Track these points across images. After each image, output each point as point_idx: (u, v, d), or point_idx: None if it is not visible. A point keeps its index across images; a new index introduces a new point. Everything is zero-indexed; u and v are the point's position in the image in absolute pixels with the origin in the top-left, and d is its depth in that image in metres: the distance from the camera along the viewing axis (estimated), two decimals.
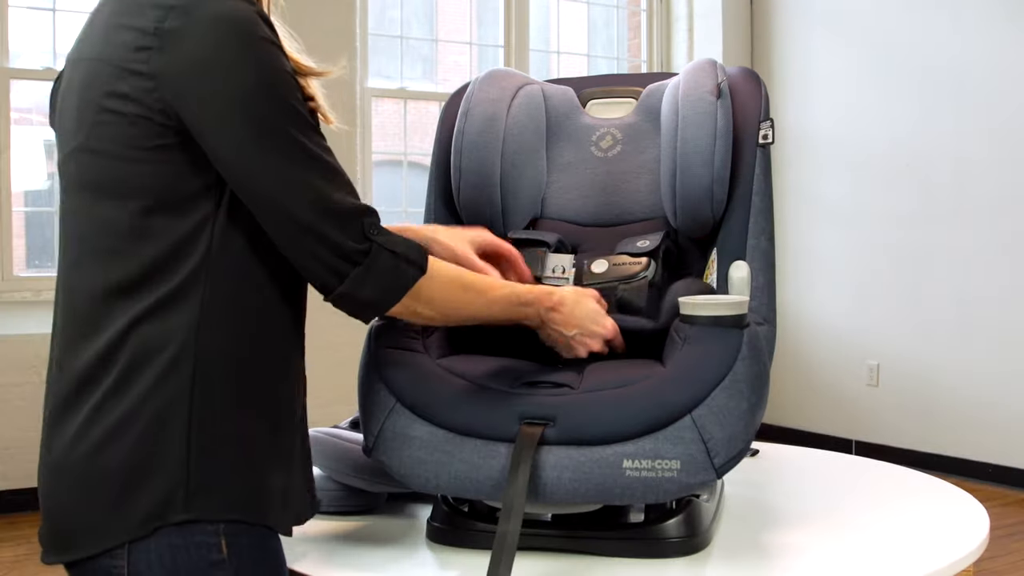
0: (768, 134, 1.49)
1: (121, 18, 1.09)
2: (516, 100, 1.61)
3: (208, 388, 1.08)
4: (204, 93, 1.04)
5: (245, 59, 1.05)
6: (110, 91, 1.07)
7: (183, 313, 1.07)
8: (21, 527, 4.19)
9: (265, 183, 1.07)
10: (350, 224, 1.10)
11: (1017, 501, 4.62)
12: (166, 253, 1.07)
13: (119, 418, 1.05)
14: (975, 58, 4.93)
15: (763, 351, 1.29)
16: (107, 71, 1.08)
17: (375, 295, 1.12)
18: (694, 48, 6.11)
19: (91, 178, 1.10)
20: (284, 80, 1.08)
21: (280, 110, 1.07)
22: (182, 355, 1.06)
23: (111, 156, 1.07)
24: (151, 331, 1.06)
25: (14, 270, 4.60)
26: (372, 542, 1.37)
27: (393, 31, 5.81)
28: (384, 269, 1.12)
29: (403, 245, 1.14)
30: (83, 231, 1.11)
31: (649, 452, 1.21)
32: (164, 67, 1.04)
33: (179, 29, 1.04)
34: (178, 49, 1.04)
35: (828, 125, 5.61)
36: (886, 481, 1.70)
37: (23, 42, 4.76)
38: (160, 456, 1.05)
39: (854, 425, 5.48)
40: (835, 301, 5.58)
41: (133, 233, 1.07)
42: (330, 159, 1.11)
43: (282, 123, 1.07)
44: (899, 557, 1.30)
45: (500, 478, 1.23)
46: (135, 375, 1.06)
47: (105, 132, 1.07)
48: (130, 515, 1.04)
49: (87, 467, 1.06)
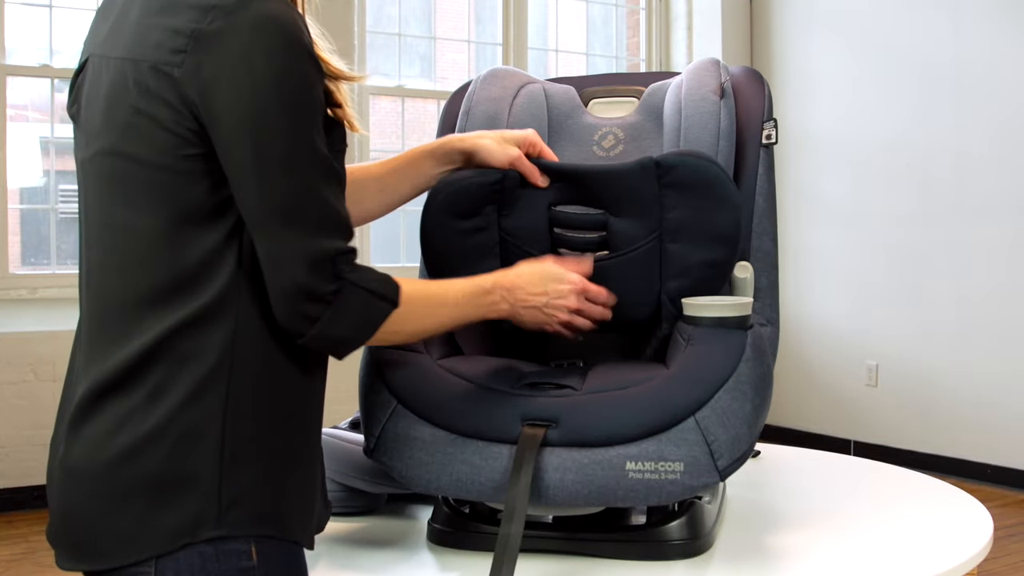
0: (771, 134, 1.48)
1: (155, 17, 1.05)
2: (518, 99, 1.60)
3: (242, 403, 1.06)
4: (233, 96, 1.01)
5: (281, 68, 1.02)
6: (142, 94, 1.04)
7: (220, 326, 1.05)
8: (18, 526, 4.18)
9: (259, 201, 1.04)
10: (325, 265, 1.06)
11: (1016, 502, 4.62)
12: (196, 264, 1.05)
13: (150, 429, 1.03)
14: (975, 57, 4.93)
15: (766, 352, 1.28)
16: (139, 72, 1.04)
17: (348, 333, 1.09)
18: (693, 47, 6.10)
19: (119, 182, 1.07)
20: (313, 94, 1.05)
21: (296, 136, 1.04)
22: (218, 369, 1.04)
23: (141, 162, 1.05)
24: (187, 343, 1.04)
25: (10, 268, 4.59)
26: (373, 544, 1.37)
27: (391, 29, 5.80)
28: (356, 308, 1.08)
29: (375, 281, 1.10)
30: (110, 236, 1.08)
31: (652, 454, 1.20)
32: (196, 69, 1.01)
33: (220, 31, 1.01)
34: (215, 51, 1.01)
35: (827, 124, 5.60)
36: (888, 483, 1.70)
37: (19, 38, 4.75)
38: (192, 471, 1.03)
39: (853, 425, 5.48)
40: (834, 301, 5.58)
41: (162, 242, 1.05)
42: (327, 194, 1.07)
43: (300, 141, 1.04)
44: (903, 560, 1.29)
45: (502, 480, 1.22)
46: (169, 386, 1.04)
47: (136, 136, 1.05)
48: (159, 529, 1.02)
49: (113, 476, 1.03)
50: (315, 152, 1.05)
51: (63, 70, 4.69)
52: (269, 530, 1.07)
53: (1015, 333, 4.80)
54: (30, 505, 4.34)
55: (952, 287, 5.03)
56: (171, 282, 1.05)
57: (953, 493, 1.61)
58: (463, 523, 1.33)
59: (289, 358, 1.09)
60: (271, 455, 1.08)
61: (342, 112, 1.13)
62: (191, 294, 1.05)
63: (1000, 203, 4.85)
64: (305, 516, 1.11)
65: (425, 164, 1.41)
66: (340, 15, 4.99)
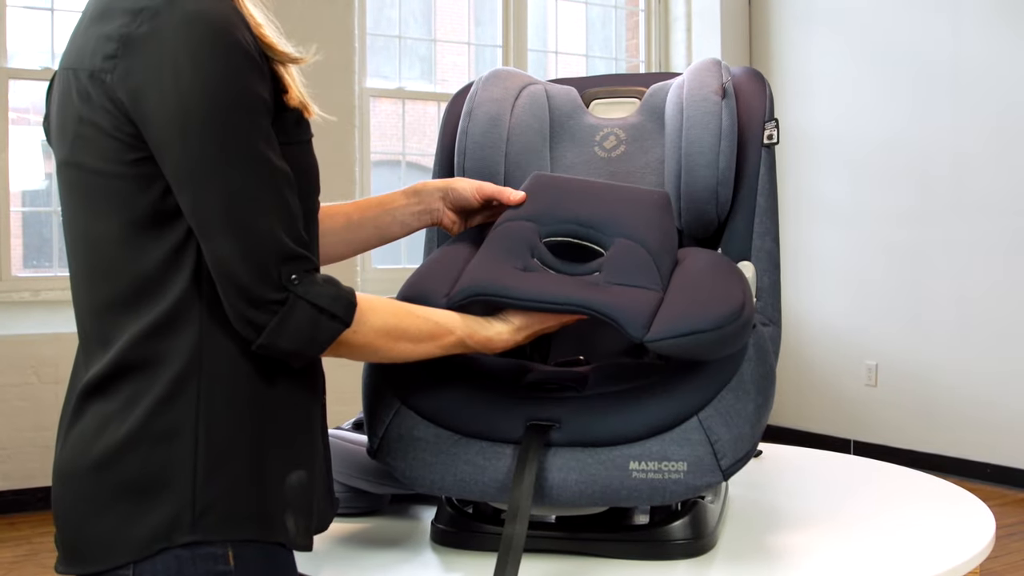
0: (773, 134, 1.49)
1: (94, 25, 1.06)
2: (520, 100, 1.60)
3: (215, 406, 1.05)
4: (163, 99, 1.00)
5: (209, 62, 1.00)
6: (83, 102, 1.05)
7: (184, 331, 1.05)
8: (21, 528, 4.18)
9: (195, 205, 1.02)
10: (268, 271, 1.02)
11: (1016, 501, 4.62)
12: (154, 270, 1.05)
13: (126, 434, 1.04)
14: (973, 57, 4.94)
15: (769, 352, 1.28)
16: (79, 81, 1.05)
17: (294, 347, 1.05)
18: (692, 48, 6.11)
19: (77, 192, 1.08)
20: (244, 101, 1.02)
21: (229, 136, 1.01)
22: (187, 374, 1.04)
23: (91, 171, 1.05)
24: (154, 349, 1.04)
25: (12, 270, 4.59)
26: (376, 544, 1.37)
27: (391, 31, 5.81)
28: (301, 322, 1.04)
29: (327, 298, 1.06)
30: (77, 244, 1.10)
31: (655, 454, 1.20)
32: (125, 75, 1.01)
33: (147, 34, 1.01)
34: (141, 55, 1.01)
35: (826, 124, 5.61)
36: (890, 482, 1.70)
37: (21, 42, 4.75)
38: (167, 475, 1.03)
39: (852, 425, 5.48)
40: (834, 301, 5.58)
41: (121, 249, 1.05)
42: (278, 185, 1.04)
43: (231, 142, 1.01)
44: (906, 559, 1.30)
45: (505, 480, 1.22)
46: (142, 392, 1.04)
47: (83, 145, 1.05)
48: (136, 534, 1.03)
49: (94, 481, 1.05)
50: (252, 151, 1.02)
51: None
52: (248, 533, 1.06)
53: (1015, 332, 4.81)
54: (32, 507, 4.35)
55: (951, 286, 5.04)
56: (132, 289, 1.05)
57: (955, 492, 1.61)
58: (467, 523, 1.33)
59: (260, 359, 1.07)
60: (250, 458, 1.07)
61: (291, 96, 1.08)
62: (152, 300, 1.05)
63: (998, 202, 4.85)
64: (297, 517, 1.10)
65: (397, 200, 1.39)
66: (340, 17, 4.99)
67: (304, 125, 1.12)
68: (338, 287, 1.08)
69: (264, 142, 1.04)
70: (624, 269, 1.25)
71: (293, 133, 1.09)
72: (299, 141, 1.11)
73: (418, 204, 1.39)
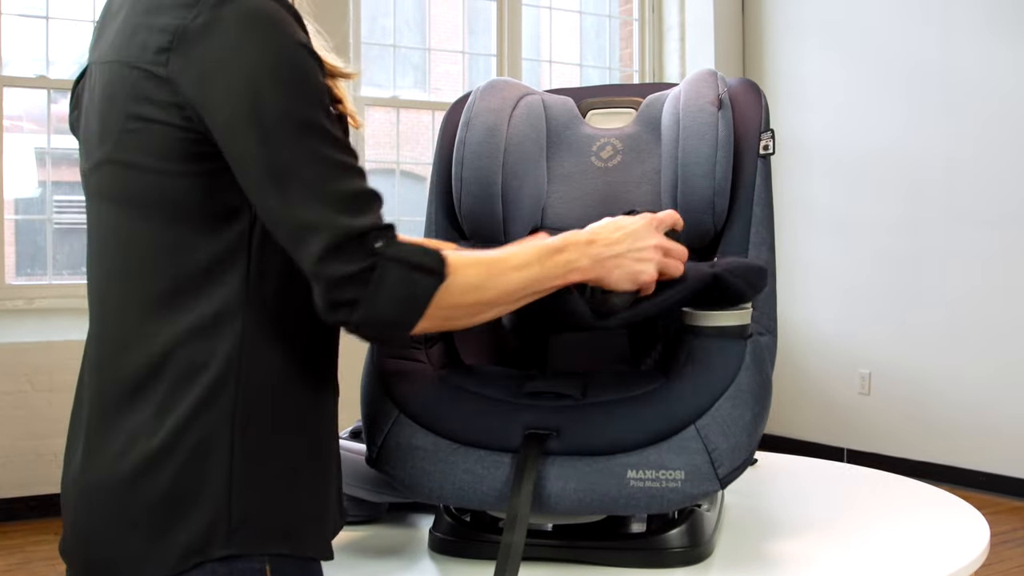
0: (768, 145, 1.50)
1: (141, 17, 1.02)
2: (517, 110, 1.61)
3: (250, 415, 1.03)
4: (227, 92, 0.97)
5: (271, 59, 0.97)
6: (135, 97, 1.01)
7: (224, 336, 1.02)
8: (13, 536, 4.17)
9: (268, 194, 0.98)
10: (353, 244, 0.98)
11: (1009, 509, 4.63)
12: (200, 271, 1.02)
13: (159, 447, 1.01)
14: (964, 66, 4.96)
15: (766, 361, 1.29)
16: (130, 76, 1.01)
17: (393, 314, 0.99)
18: (686, 57, 6.13)
19: (121, 191, 1.04)
20: (310, 77, 1.00)
21: (299, 117, 0.98)
22: (224, 380, 1.02)
23: (140, 169, 1.02)
24: (192, 353, 1.01)
25: (6, 278, 4.59)
26: (374, 552, 1.37)
27: (385, 40, 5.81)
28: (396, 284, 0.98)
29: (418, 254, 1.00)
30: (114, 244, 1.06)
31: (653, 463, 1.21)
32: (184, 68, 0.98)
33: (205, 26, 0.98)
34: (203, 46, 0.98)
35: (818, 133, 5.63)
36: (884, 490, 1.71)
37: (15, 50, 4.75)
38: (201, 488, 1.01)
39: (846, 433, 5.49)
40: (826, 309, 5.60)
41: (165, 248, 1.02)
42: (352, 162, 1.01)
43: (298, 130, 0.98)
44: (901, 567, 1.30)
45: (504, 488, 1.23)
46: (175, 401, 1.01)
47: (133, 143, 1.01)
48: (170, 548, 1.00)
49: (125, 495, 1.02)
50: (326, 132, 1.00)
51: (59, 81, 4.70)
52: (283, 547, 1.04)
53: (1008, 340, 4.82)
54: (26, 516, 4.33)
55: (944, 295, 5.05)
56: (173, 290, 1.02)
57: (949, 500, 1.62)
58: (465, 532, 1.33)
59: (298, 369, 1.06)
60: (282, 470, 1.05)
61: (343, 108, 1.08)
62: (195, 303, 1.02)
63: (991, 210, 4.88)
64: (320, 528, 1.09)
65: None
66: (335, 26, 5.00)
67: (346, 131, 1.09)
68: (421, 247, 1.02)
69: (334, 125, 1.01)
70: None
71: None
72: None
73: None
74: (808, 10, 5.71)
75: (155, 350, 1.02)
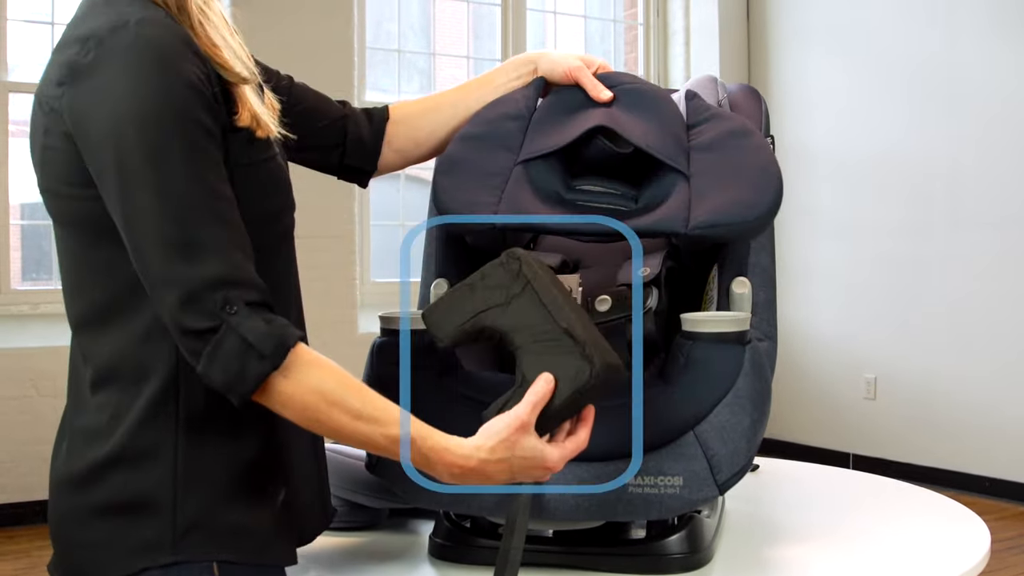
0: None
1: (55, 53, 1.08)
2: None
3: (193, 424, 1.06)
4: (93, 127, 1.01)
5: (145, 88, 0.99)
6: (43, 131, 1.07)
7: (167, 342, 1.05)
8: (20, 541, 4.17)
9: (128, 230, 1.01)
10: (201, 299, 0.98)
11: (1014, 515, 4.62)
12: (124, 287, 1.06)
13: (109, 453, 1.05)
14: (968, 70, 4.96)
15: (765, 367, 1.29)
16: (39, 109, 1.08)
17: (224, 381, 0.99)
18: (691, 62, 6.13)
19: (57, 215, 1.10)
20: (186, 129, 1.00)
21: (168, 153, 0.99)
22: (168, 386, 1.06)
23: (59, 195, 1.08)
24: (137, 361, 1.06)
25: (11, 283, 4.60)
26: (374, 558, 1.37)
27: (390, 44, 5.82)
28: (230, 355, 0.98)
29: (257, 333, 0.99)
30: (65, 261, 1.12)
31: (652, 468, 1.21)
32: (71, 101, 1.03)
33: (92, 62, 1.02)
34: (86, 82, 1.02)
35: (822, 137, 5.63)
36: (886, 496, 1.70)
37: (21, 55, 4.77)
38: (148, 494, 1.04)
39: (851, 438, 5.48)
40: (831, 314, 5.59)
41: (98, 265, 1.07)
42: (219, 211, 1.01)
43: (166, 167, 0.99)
44: (902, 573, 1.30)
45: (503, 495, 1.23)
46: (126, 406, 1.06)
47: (49, 171, 1.08)
48: (120, 552, 1.04)
49: (80, 497, 1.06)
50: (189, 176, 1.00)
51: None
52: (231, 554, 1.05)
53: (1013, 343, 4.81)
54: (31, 520, 4.34)
55: (949, 298, 5.05)
56: (112, 302, 1.07)
57: (951, 507, 1.62)
58: (464, 537, 1.33)
59: None
60: (231, 476, 1.07)
61: (242, 117, 1.07)
62: (133, 312, 1.06)
63: (994, 213, 4.87)
64: (282, 534, 1.11)
65: (496, 77, 1.45)
66: (339, 31, 5.01)
67: (260, 144, 1.10)
68: (274, 325, 1.01)
69: (205, 167, 1.02)
70: None
71: (246, 154, 1.08)
72: (256, 161, 1.10)
73: (518, 79, 1.45)
74: (812, 15, 5.71)
75: (103, 360, 1.07)
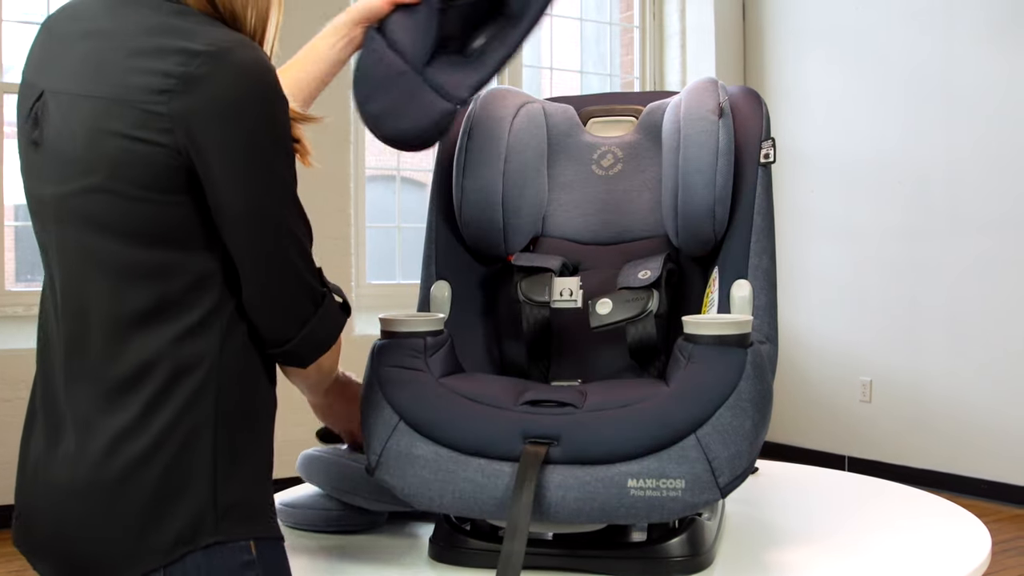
0: (769, 153, 1.50)
1: (140, 61, 1.08)
2: (517, 118, 1.61)
3: (229, 411, 1.11)
4: (223, 137, 1.06)
5: (266, 112, 1.09)
6: (131, 134, 1.07)
7: (208, 338, 1.10)
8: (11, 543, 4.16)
9: (265, 232, 1.11)
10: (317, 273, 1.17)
11: (1011, 517, 4.63)
12: (187, 287, 1.09)
13: (147, 446, 1.07)
14: (965, 74, 4.96)
15: (766, 370, 1.29)
16: (127, 113, 1.07)
17: (327, 337, 1.19)
18: (687, 65, 6.13)
19: (108, 217, 1.09)
20: (291, 148, 1.13)
21: (284, 167, 1.11)
22: (207, 380, 1.09)
23: (131, 198, 1.08)
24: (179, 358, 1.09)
25: (5, 285, 4.59)
26: (374, 561, 1.37)
27: None
28: (333, 312, 1.19)
29: (337, 289, 1.22)
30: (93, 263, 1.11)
31: (653, 471, 1.21)
32: (184, 109, 1.05)
33: (207, 74, 1.05)
34: (202, 93, 1.05)
35: (820, 140, 5.63)
36: (885, 499, 1.70)
37: (16, 56, 4.76)
38: (189, 481, 1.08)
39: (847, 441, 5.48)
40: (828, 317, 5.59)
41: (153, 269, 1.09)
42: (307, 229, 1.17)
43: (285, 180, 1.12)
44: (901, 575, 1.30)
45: (504, 497, 1.23)
46: (162, 401, 1.08)
47: (126, 174, 1.08)
48: (160, 541, 1.06)
49: (115, 494, 1.07)
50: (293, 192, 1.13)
51: None
52: (263, 531, 1.13)
53: (1009, 349, 4.82)
54: None
55: (945, 302, 5.05)
56: (160, 305, 1.09)
57: (951, 509, 1.62)
58: (465, 540, 1.33)
59: (262, 366, 1.16)
60: (255, 459, 1.14)
61: (299, 147, 1.19)
62: (180, 312, 1.09)
63: (992, 217, 4.87)
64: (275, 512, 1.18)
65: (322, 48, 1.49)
66: None
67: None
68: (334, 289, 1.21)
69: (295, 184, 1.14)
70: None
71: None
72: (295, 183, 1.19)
73: (343, 39, 1.49)
74: (809, 18, 5.72)
75: (143, 357, 1.08)
